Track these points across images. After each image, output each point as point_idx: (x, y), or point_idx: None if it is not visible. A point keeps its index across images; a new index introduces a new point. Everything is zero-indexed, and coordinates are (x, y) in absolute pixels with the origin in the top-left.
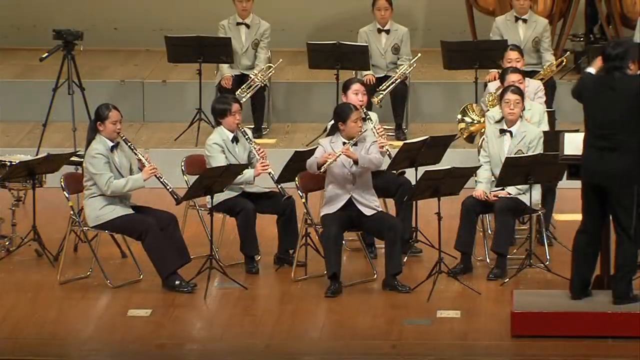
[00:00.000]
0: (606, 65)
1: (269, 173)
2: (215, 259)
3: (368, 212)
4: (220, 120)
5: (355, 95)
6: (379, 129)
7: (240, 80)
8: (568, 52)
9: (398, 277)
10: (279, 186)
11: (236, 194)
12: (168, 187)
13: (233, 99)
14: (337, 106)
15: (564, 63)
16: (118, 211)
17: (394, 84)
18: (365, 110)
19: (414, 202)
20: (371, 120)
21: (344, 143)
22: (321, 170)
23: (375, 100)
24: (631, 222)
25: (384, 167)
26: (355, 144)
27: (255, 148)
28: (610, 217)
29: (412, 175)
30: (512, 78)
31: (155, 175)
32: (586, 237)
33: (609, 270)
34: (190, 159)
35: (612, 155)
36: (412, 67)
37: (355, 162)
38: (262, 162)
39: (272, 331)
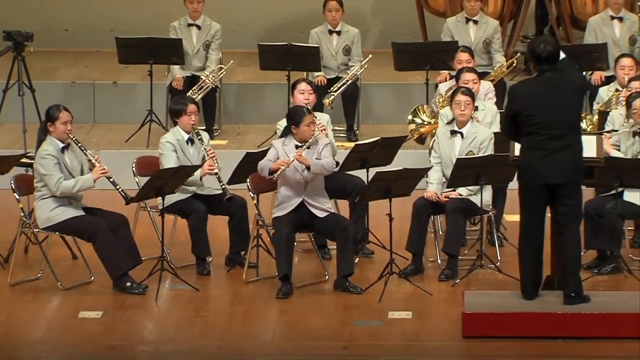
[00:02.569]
0: (540, 66)
1: (215, 174)
2: (167, 260)
3: (320, 214)
4: (176, 120)
5: (301, 95)
6: (209, 150)
7: (191, 81)
8: (519, 54)
9: (349, 278)
10: (222, 185)
11: (188, 195)
12: (118, 187)
13: (190, 100)
14: (291, 109)
15: (514, 64)
16: (69, 213)
17: (345, 85)
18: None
19: (367, 203)
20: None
21: (297, 146)
22: (274, 177)
23: (326, 101)
24: (579, 219)
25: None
26: (307, 147)
27: (205, 149)
28: (555, 217)
29: (363, 176)
30: (467, 77)
31: (105, 176)
32: (532, 238)
33: (559, 270)
34: (141, 160)
35: (564, 154)
36: (363, 69)
37: (308, 168)
38: (209, 163)
39: (224, 332)
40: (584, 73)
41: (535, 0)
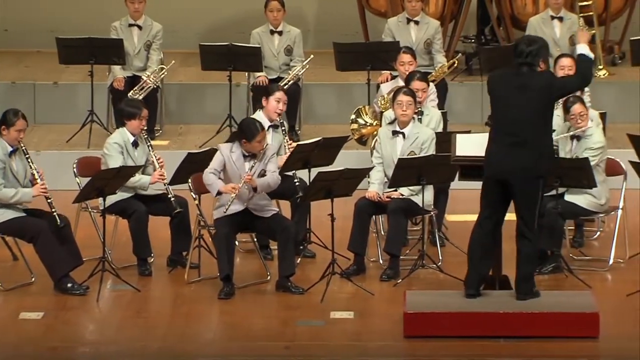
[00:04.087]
0: (517, 60)
1: (165, 183)
2: (108, 261)
3: (263, 214)
4: (126, 122)
5: (277, 103)
6: (290, 144)
7: (133, 81)
8: (460, 54)
9: (291, 279)
10: (172, 198)
11: (129, 195)
12: (53, 210)
13: (143, 104)
14: (244, 122)
15: (455, 64)
16: (9, 214)
17: (286, 86)
18: (281, 121)
19: (308, 204)
20: (284, 132)
21: (245, 155)
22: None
23: None
24: (535, 217)
25: None
26: (254, 163)
27: (154, 157)
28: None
29: (305, 176)
30: (417, 86)
31: (44, 195)
32: (485, 233)
33: (501, 270)
34: (82, 161)
35: (521, 151)
36: (304, 69)
37: (255, 190)
38: (159, 172)
39: (165, 333)
40: None
41: (476, 1)
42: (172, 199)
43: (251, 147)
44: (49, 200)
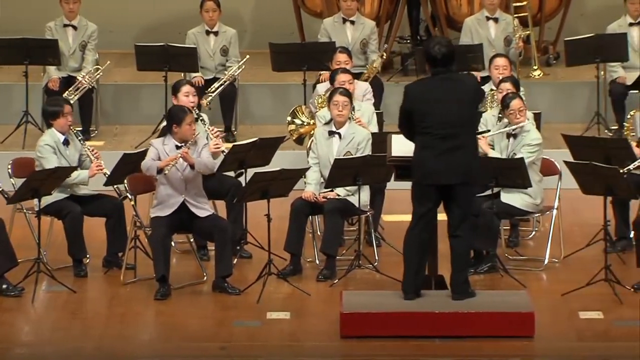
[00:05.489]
0: (435, 68)
1: (105, 173)
2: (43, 262)
3: (201, 213)
4: (52, 122)
5: (186, 97)
6: (212, 130)
7: (68, 82)
8: (385, 49)
9: (228, 279)
10: (115, 187)
11: (64, 196)
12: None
13: (64, 101)
14: (172, 108)
15: (384, 57)
16: None
17: (222, 86)
18: (197, 112)
19: (244, 204)
20: (204, 121)
21: (177, 146)
22: (165, 172)
23: (204, 102)
24: (468, 217)
25: None
26: (189, 148)
27: (88, 149)
28: (448, 218)
29: (241, 177)
30: (342, 78)
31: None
32: (420, 236)
33: (437, 270)
34: (17, 162)
35: (456, 154)
36: (240, 69)
37: (192, 166)
38: (97, 163)
39: (102, 334)
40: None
41: (410, 2)
42: (115, 187)
43: (182, 132)
44: None
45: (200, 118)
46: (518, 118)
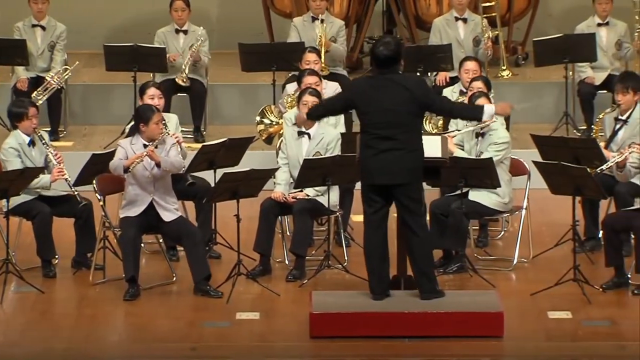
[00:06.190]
0: (378, 68)
1: (66, 179)
2: (12, 263)
3: (168, 217)
4: (17, 123)
5: (151, 100)
6: (174, 135)
7: (36, 82)
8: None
9: (209, 281)
10: (75, 192)
11: (32, 197)
12: None
13: (29, 103)
14: (139, 107)
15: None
16: None
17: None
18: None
19: (214, 205)
20: (166, 126)
21: (145, 145)
22: (130, 169)
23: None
24: (422, 216)
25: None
26: (156, 147)
27: (51, 153)
28: (398, 217)
29: (210, 177)
30: (309, 80)
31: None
32: (370, 233)
33: (406, 270)
34: None
35: (394, 155)
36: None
37: (158, 165)
38: (58, 168)
39: (71, 335)
40: (429, 74)
41: (382, 1)
42: (76, 193)
43: (150, 131)
44: None
45: (164, 122)
46: None
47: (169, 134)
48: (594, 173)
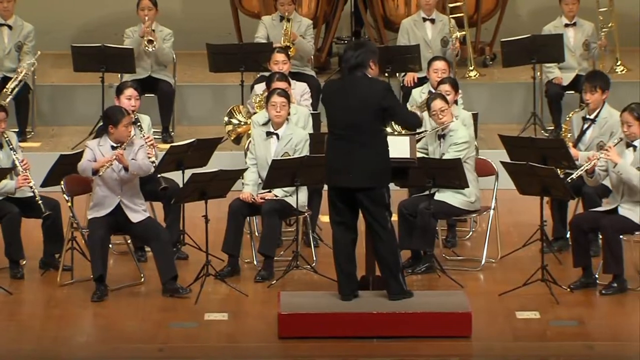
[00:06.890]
0: (347, 68)
1: (30, 187)
2: None
3: (135, 218)
4: None
5: (128, 100)
6: (148, 137)
7: (4, 82)
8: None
9: (177, 281)
10: (40, 202)
11: (1, 198)
12: None
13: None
14: (108, 109)
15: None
16: None
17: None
18: (136, 115)
19: (182, 205)
20: (141, 128)
21: (113, 147)
22: (100, 174)
23: None
24: (386, 217)
25: None
26: (124, 149)
27: (18, 160)
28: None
29: (179, 178)
30: (279, 85)
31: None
32: (337, 234)
33: (374, 270)
34: None
35: (358, 156)
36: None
37: (126, 169)
38: (23, 175)
39: (39, 336)
40: (397, 75)
41: (350, 2)
42: (40, 202)
43: (119, 133)
44: None
45: (138, 124)
46: (440, 118)
47: (143, 137)
48: (571, 180)
